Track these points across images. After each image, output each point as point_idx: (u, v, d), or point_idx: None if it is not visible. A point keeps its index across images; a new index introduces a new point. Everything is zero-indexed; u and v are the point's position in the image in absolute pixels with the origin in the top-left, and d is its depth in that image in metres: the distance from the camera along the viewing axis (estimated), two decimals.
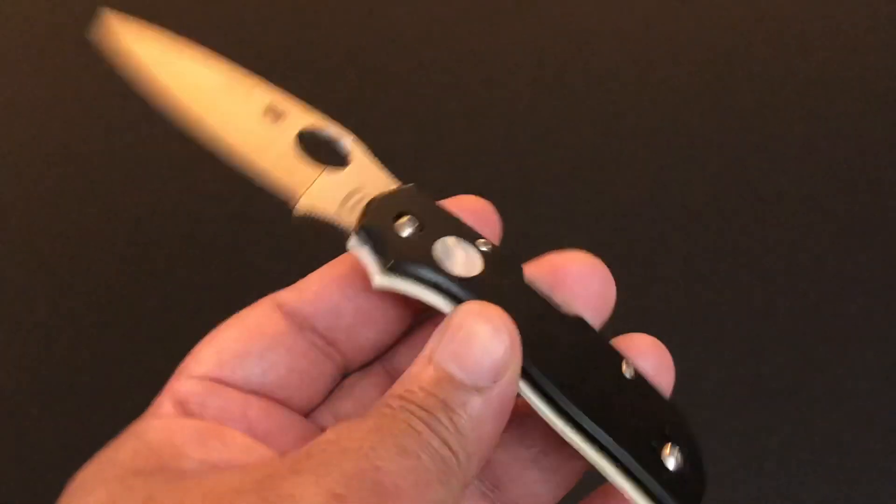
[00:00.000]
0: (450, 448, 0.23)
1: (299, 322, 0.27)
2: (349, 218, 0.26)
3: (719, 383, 0.49)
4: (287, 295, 0.27)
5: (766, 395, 0.49)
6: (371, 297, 0.27)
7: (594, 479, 0.25)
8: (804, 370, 0.50)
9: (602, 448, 0.24)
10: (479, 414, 0.23)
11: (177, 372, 0.26)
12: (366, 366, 0.28)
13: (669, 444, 0.25)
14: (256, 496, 0.21)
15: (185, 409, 0.25)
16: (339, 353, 0.27)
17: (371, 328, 0.27)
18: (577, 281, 0.27)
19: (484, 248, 0.26)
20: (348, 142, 0.28)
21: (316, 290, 0.27)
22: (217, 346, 0.26)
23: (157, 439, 0.24)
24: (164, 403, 0.25)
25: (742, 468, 0.47)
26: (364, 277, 0.26)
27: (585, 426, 0.24)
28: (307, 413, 0.27)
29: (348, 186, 0.27)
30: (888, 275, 0.52)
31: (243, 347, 0.26)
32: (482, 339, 0.24)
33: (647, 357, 0.27)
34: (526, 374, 0.25)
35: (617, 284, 0.27)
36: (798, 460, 0.47)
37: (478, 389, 0.24)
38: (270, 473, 0.22)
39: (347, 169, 0.28)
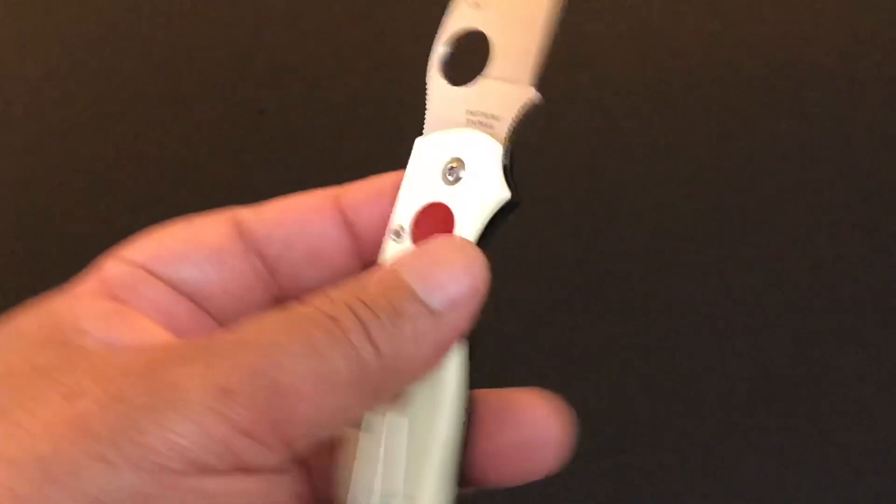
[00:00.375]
0: (378, 352, 0.22)
1: (249, 243, 0.26)
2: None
3: (720, 383, 0.49)
4: (246, 212, 0.26)
5: (766, 395, 0.49)
6: (327, 238, 0.26)
7: None
8: (804, 370, 0.50)
9: None
10: (424, 333, 0.23)
11: (110, 253, 0.25)
12: None
13: None
14: (141, 380, 0.20)
15: (110, 291, 0.25)
16: (277, 285, 0.27)
17: (317, 270, 0.27)
18: (534, 424, 0.26)
19: None
20: None
21: (276, 215, 0.26)
22: (159, 239, 0.26)
23: (66, 315, 0.23)
24: (90, 280, 0.25)
25: (742, 468, 0.47)
26: (332, 218, 0.26)
27: None
28: None
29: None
30: (889, 275, 0.52)
31: (183, 249, 0.26)
32: (452, 267, 0.24)
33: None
34: None
35: (617, 283, 0.27)
36: (798, 460, 0.47)
37: (431, 310, 0.23)
38: (161, 358, 0.21)
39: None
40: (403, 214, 0.26)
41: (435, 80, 0.27)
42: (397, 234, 0.26)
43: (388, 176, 0.27)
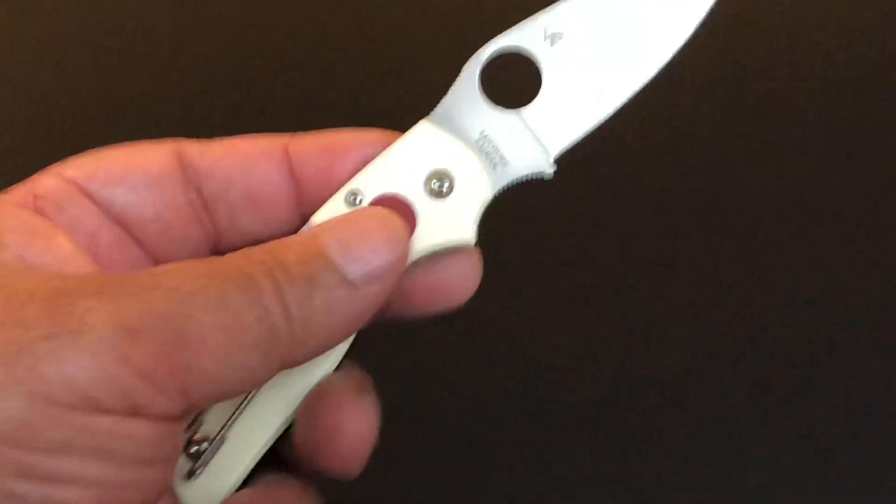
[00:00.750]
0: (289, 319, 0.22)
1: (189, 175, 0.26)
2: None
3: (719, 383, 0.49)
4: (192, 146, 0.26)
5: (766, 395, 0.49)
6: (269, 184, 0.26)
7: None
8: (804, 370, 0.49)
9: None
10: (339, 304, 0.23)
11: (47, 168, 0.25)
12: None
13: None
14: (46, 306, 0.20)
15: (37, 205, 0.24)
16: (212, 226, 0.26)
17: (254, 216, 0.26)
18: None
19: None
20: None
21: (221, 152, 0.26)
22: (97, 159, 0.25)
23: None
24: (19, 191, 0.25)
25: (742, 468, 0.47)
26: (277, 164, 0.25)
27: None
28: None
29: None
30: (889, 275, 0.52)
31: (119, 170, 0.25)
32: (375, 240, 0.23)
33: None
34: None
35: (617, 283, 0.28)
36: (798, 460, 0.47)
37: (348, 282, 0.23)
38: (71, 288, 0.21)
39: None
40: (368, 185, 0.26)
41: (468, 78, 0.27)
42: (354, 197, 0.25)
43: (342, 133, 0.27)
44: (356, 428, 0.24)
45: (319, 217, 0.26)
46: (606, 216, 0.54)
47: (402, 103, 0.61)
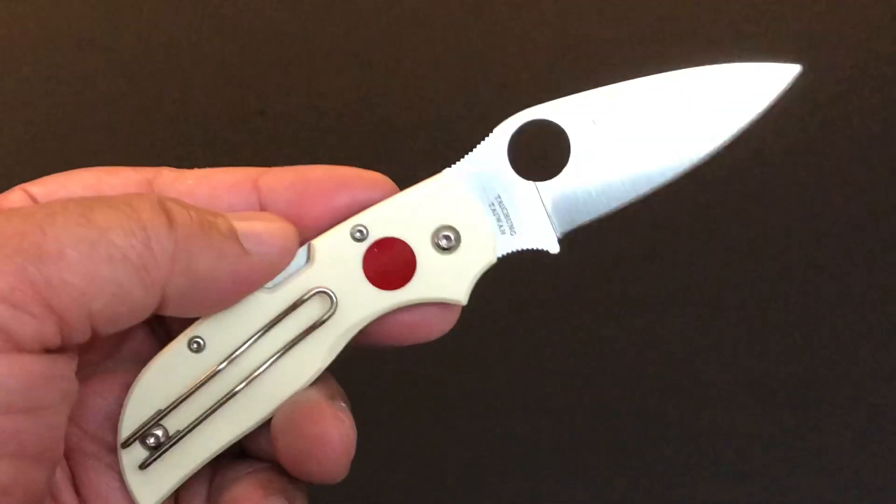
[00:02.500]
0: (175, 238, 0.22)
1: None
2: None
3: (719, 383, 0.49)
4: (168, 174, 0.26)
5: (767, 394, 0.49)
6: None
7: None
8: (805, 370, 0.49)
9: None
10: (227, 254, 0.23)
11: (20, 185, 0.26)
12: None
13: None
14: None
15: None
16: None
17: None
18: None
19: None
20: None
21: (192, 183, 0.26)
22: (64, 179, 0.26)
23: None
24: None
25: (742, 468, 0.47)
26: (246, 197, 0.26)
27: None
28: None
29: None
30: (890, 275, 0.52)
31: (79, 193, 0.26)
32: (273, 228, 0.24)
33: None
34: None
35: (616, 284, 0.28)
36: (798, 460, 0.47)
37: (242, 245, 0.23)
38: None
39: None
40: (376, 224, 0.26)
41: (498, 140, 0.26)
42: (359, 232, 0.26)
43: (314, 168, 0.27)
44: (338, 436, 0.25)
45: (321, 243, 0.26)
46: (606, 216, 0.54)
47: (402, 103, 0.61)
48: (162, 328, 0.27)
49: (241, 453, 0.27)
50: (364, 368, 0.47)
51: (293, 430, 0.25)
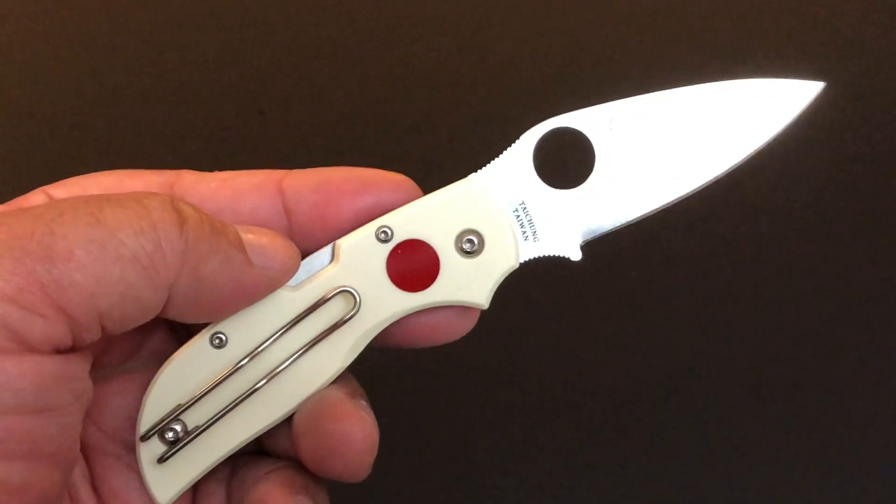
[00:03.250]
0: (185, 240, 0.22)
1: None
2: None
3: (719, 383, 0.49)
4: (190, 177, 0.26)
5: (767, 395, 0.49)
6: (258, 219, 0.26)
7: None
8: (805, 370, 0.50)
9: None
10: (233, 262, 0.23)
11: (41, 187, 0.26)
12: None
13: None
14: None
15: None
16: None
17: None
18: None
19: None
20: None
21: (214, 186, 0.26)
22: (83, 182, 0.26)
23: None
24: (10, 205, 0.25)
25: (742, 468, 0.47)
26: (269, 199, 0.26)
27: None
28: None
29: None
30: (889, 275, 0.52)
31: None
32: (277, 247, 0.25)
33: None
34: None
35: (617, 283, 0.28)
36: (798, 460, 0.47)
37: (247, 256, 0.24)
38: None
39: None
40: (401, 225, 0.26)
41: (524, 147, 0.27)
42: (384, 233, 0.26)
43: (337, 170, 0.27)
44: (361, 435, 0.25)
45: (346, 243, 0.26)
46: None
47: (402, 103, 0.61)
48: (183, 328, 0.27)
49: (259, 451, 0.27)
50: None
51: (316, 428, 0.25)
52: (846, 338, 0.51)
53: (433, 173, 0.58)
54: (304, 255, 0.26)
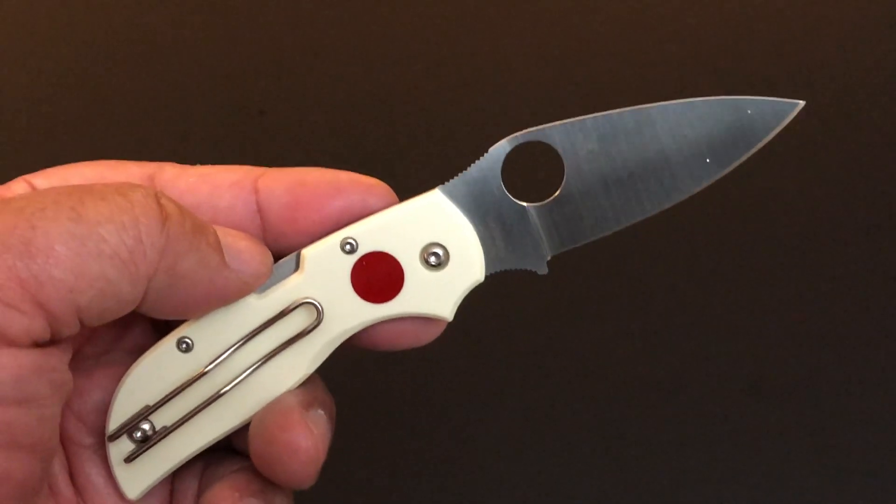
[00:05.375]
0: (167, 237, 0.22)
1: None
2: None
3: (719, 383, 0.49)
4: (172, 170, 0.26)
5: (767, 394, 0.49)
6: (233, 216, 0.26)
7: None
8: (804, 370, 0.49)
9: None
10: (211, 263, 0.23)
11: (22, 176, 0.26)
12: None
13: None
14: None
15: None
16: None
17: None
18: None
19: None
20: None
21: (195, 179, 0.26)
22: (65, 172, 0.26)
23: None
24: None
25: (743, 468, 0.47)
26: (244, 197, 0.26)
27: None
28: None
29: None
30: (889, 275, 0.52)
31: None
32: (254, 251, 0.25)
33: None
34: None
35: (616, 283, 0.28)
36: (798, 460, 0.47)
37: (223, 259, 0.24)
38: None
39: None
40: (365, 237, 0.26)
41: (493, 161, 0.26)
42: (348, 244, 0.26)
43: (311, 172, 0.27)
44: (305, 445, 0.25)
45: (311, 252, 0.26)
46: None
47: (402, 103, 0.61)
48: (164, 322, 0.27)
49: (231, 448, 0.28)
50: (360, 373, 0.48)
51: (264, 434, 0.25)
52: (847, 338, 0.50)
53: (433, 173, 0.57)
54: (277, 256, 0.26)
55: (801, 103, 0.26)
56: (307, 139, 0.59)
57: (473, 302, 0.27)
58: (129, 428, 0.26)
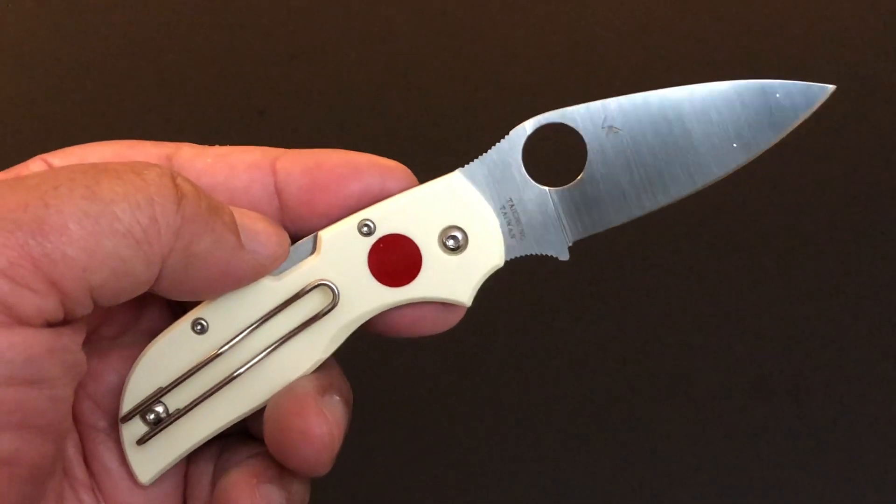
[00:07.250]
0: (182, 215, 0.22)
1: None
2: None
3: (721, 383, 0.49)
4: (189, 150, 0.26)
5: (767, 395, 0.49)
6: (250, 197, 0.26)
7: None
8: (804, 370, 0.49)
9: None
10: (226, 244, 0.23)
11: (39, 155, 0.26)
12: None
13: None
14: None
15: None
16: None
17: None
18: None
19: None
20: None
21: (210, 161, 0.26)
22: (83, 151, 0.26)
23: None
24: (8, 172, 0.25)
25: (743, 468, 0.47)
26: (262, 178, 0.25)
27: None
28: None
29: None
30: (889, 275, 0.52)
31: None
32: (270, 233, 0.24)
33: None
34: None
35: (616, 284, 0.27)
36: (798, 460, 0.47)
37: (239, 240, 0.23)
38: None
39: None
40: (383, 219, 0.26)
41: (513, 143, 0.26)
42: (366, 226, 0.25)
43: (331, 154, 0.26)
44: (319, 432, 0.25)
45: (328, 234, 0.26)
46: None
47: (402, 103, 0.61)
48: (179, 304, 0.27)
49: (248, 433, 0.27)
50: (371, 363, 0.48)
51: (279, 420, 0.25)
52: (847, 337, 0.51)
53: (434, 172, 0.57)
54: (295, 238, 0.26)
55: (832, 87, 0.25)
56: (307, 139, 0.58)
57: (474, 302, 0.27)
58: (141, 410, 0.25)
